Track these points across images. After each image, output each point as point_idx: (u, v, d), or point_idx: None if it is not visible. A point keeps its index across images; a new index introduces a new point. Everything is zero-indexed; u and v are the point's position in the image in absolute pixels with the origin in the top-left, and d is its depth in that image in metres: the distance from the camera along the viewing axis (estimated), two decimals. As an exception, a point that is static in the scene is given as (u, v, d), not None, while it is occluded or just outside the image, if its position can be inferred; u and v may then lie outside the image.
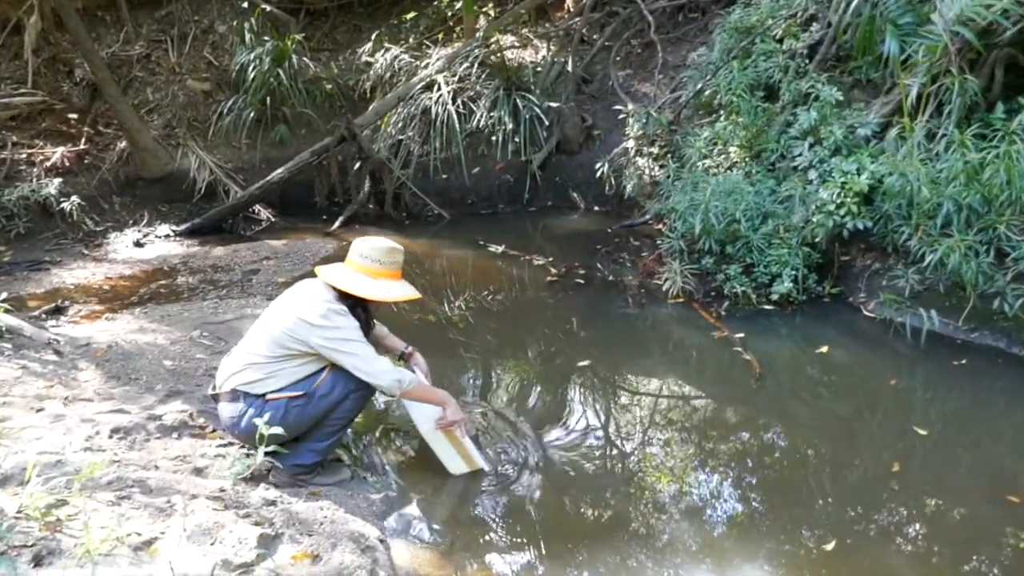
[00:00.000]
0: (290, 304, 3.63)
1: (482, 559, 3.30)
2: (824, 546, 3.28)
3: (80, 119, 8.98)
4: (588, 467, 3.94)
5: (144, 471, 3.54)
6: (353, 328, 3.56)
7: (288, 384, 3.56)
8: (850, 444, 4.09)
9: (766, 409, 4.48)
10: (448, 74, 8.81)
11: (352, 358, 3.52)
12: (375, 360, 3.57)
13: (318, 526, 3.27)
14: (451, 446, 3.85)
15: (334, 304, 3.57)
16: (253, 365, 3.60)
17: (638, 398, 4.69)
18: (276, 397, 3.54)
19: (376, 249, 3.65)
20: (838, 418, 4.37)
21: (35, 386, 4.42)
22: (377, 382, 3.56)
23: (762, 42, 6.96)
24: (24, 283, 6.78)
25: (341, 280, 3.60)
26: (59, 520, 3.03)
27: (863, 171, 5.46)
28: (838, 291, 5.74)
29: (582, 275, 6.58)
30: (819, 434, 4.23)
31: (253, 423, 3.48)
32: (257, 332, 3.69)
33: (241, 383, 3.61)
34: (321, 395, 3.56)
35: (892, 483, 3.69)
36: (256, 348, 3.62)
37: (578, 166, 8.65)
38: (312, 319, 3.50)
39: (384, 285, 3.62)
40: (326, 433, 3.66)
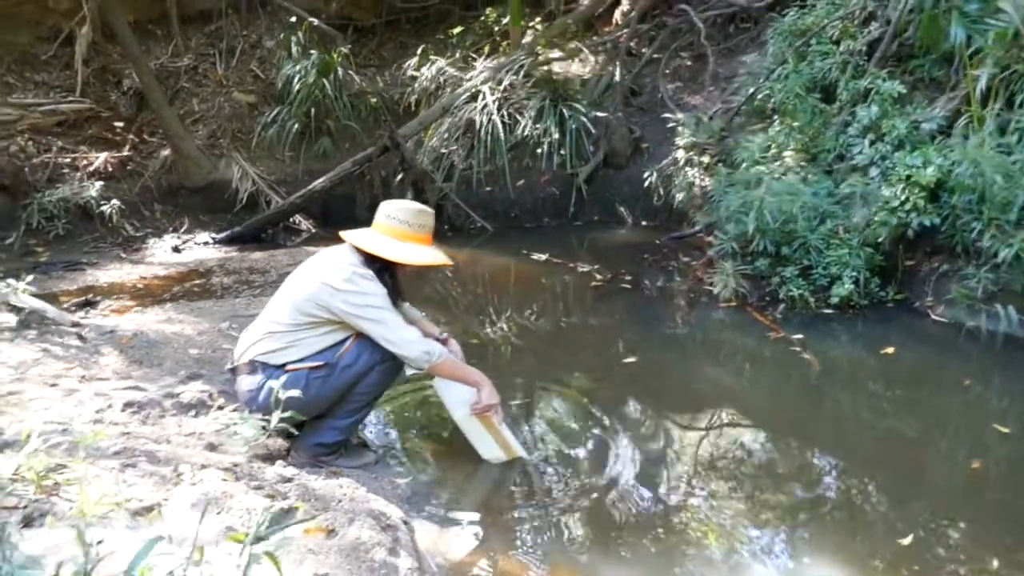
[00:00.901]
0: (313, 269, 3.39)
1: (512, 548, 3.00)
2: (900, 540, 2.92)
3: (126, 127, 8.98)
4: (634, 462, 3.61)
5: (155, 444, 3.31)
6: (380, 295, 3.29)
7: (310, 354, 3.32)
8: (924, 441, 3.73)
9: (829, 405, 4.14)
10: (493, 84, 8.64)
11: (378, 326, 3.26)
12: (402, 329, 3.29)
13: (335, 503, 3.00)
14: (487, 432, 3.55)
15: (360, 268, 3.31)
16: (273, 334, 3.36)
17: (688, 392, 4.36)
18: (296, 368, 3.30)
19: (404, 210, 3.40)
20: (908, 415, 4.01)
21: (54, 367, 4.23)
22: (404, 353, 3.28)
23: (818, 43, 6.69)
24: (59, 281, 6.67)
25: (366, 242, 3.35)
26: (56, 484, 2.81)
27: (929, 164, 5.12)
28: (902, 296, 5.37)
29: (628, 281, 6.29)
30: (888, 430, 3.88)
31: (271, 396, 3.24)
32: (278, 300, 3.45)
33: (259, 353, 3.38)
34: (344, 366, 3.30)
35: (972, 480, 3.34)
36: (277, 316, 3.39)
37: (625, 180, 8.39)
38: (336, 283, 3.25)
39: (412, 248, 3.35)
40: (349, 410, 3.39)
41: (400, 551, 2.77)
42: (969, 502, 3.27)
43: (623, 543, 3.02)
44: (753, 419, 4.08)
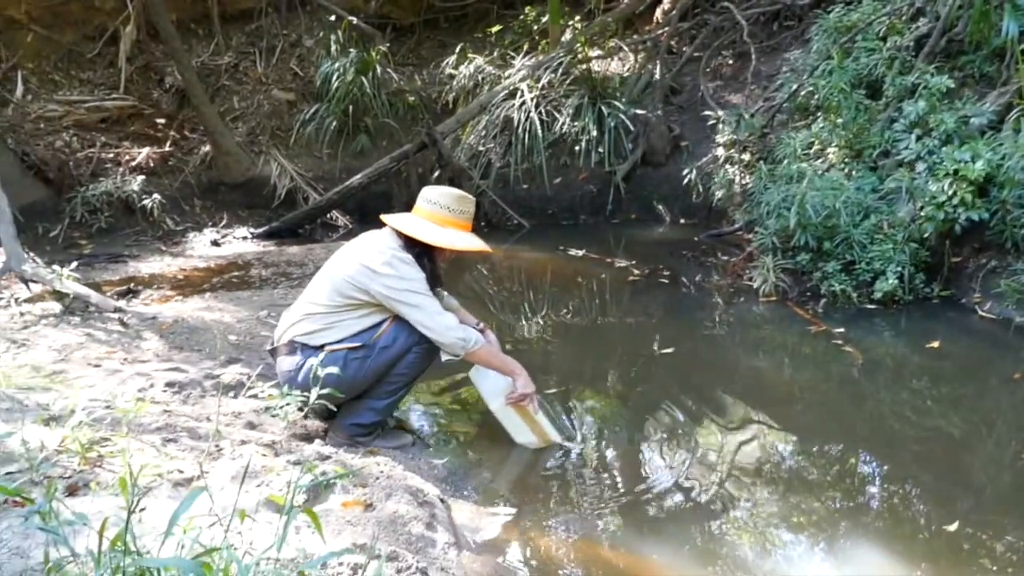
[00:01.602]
0: (354, 252, 3.39)
1: (546, 528, 2.96)
2: (946, 527, 2.85)
3: (167, 124, 9.08)
4: (671, 452, 3.56)
5: (195, 422, 3.33)
6: (419, 279, 3.29)
7: (347, 335, 3.31)
8: (971, 430, 3.65)
9: (873, 395, 4.06)
10: (531, 81, 8.63)
11: (415, 311, 3.25)
12: (440, 315, 3.29)
13: (373, 479, 2.98)
14: (523, 421, 3.52)
15: (400, 252, 3.31)
16: (312, 316, 3.36)
17: (726, 384, 4.29)
18: (335, 348, 3.29)
19: (445, 195, 3.40)
20: (954, 408, 3.91)
21: (97, 351, 4.28)
22: (440, 339, 3.27)
23: (864, 40, 6.59)
24: (101, 272, 6.75)
25: (406, 225, 3.34)
26: (100, 456, 2.83)
27: (978, 159, 5.01)
28: (949, 293, 5.26)
29: (666, 276, 6.24)
30: (934, 423, 3.79)
31: (310, 376, 3.24)
32: (318, 282, 3.45)
33: (299, 334, 3.38)
34: (382, 347, 3.29)
35: (1020, 467, 3.24)
36: (316, 298, 3.39)
37: (664, 178, 8.33)
38: (376, 266, 3.25)
39: (451, 233, 3.34)
40: (387, 391, 3.38)
41: (437, 526, 2.75)
42: (1018, 495, 3.19)
43: (656, 529, 2.98)
44: (793, 410, 4.01)
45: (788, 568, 2.69)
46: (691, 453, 3.51)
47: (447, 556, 2.63)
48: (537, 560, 2.75)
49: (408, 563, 2.42)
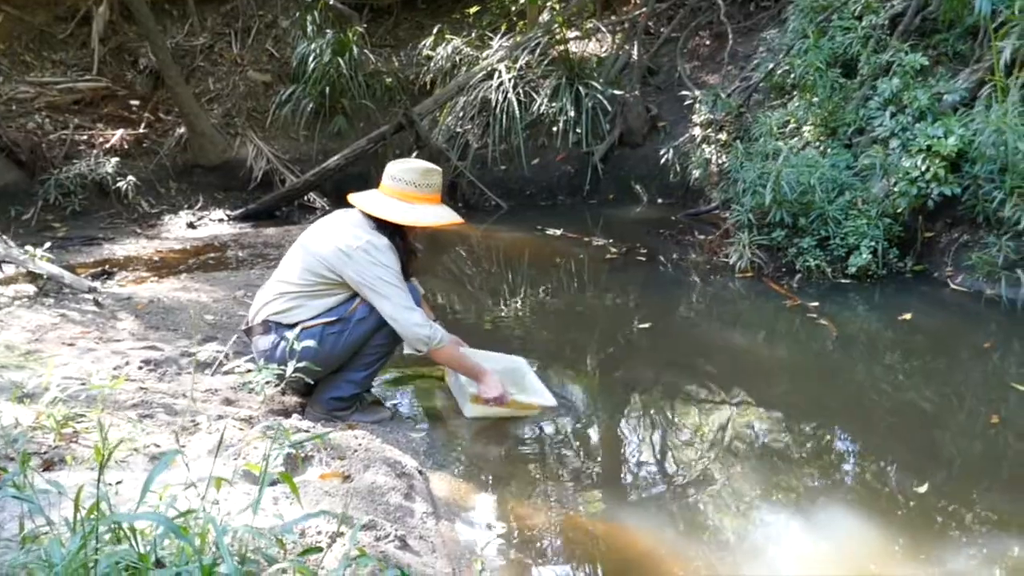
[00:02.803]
0: (327, 233, 3.37)
1: (526, 498, 2.98)
2: (917, 488, 2.90)
3: (141, 106, 8.99)
4: (648, 423, 3.59)
5: (171, 398, 3.32)
6: (392, 270, 3.28)
7: (322, 312, 3.31)
8: (942, 398, 3.71)
9: (848, 365, 4.12)
10: (509, 62, 8.61)
11: (384, 301, 3.25)
12: (407, 310, 3.27)
13: (351, 452, 2.99)
14: (503, 412, 3.53)
15: (375, 237, 3.29)
16: (285, 295, 3.36)
17: (703, 356, 4.32)
18: (310, 325, 3.29)
19: (409, 171, 3.36)
20: (927, 374, 3.99)
21: (71, 331, 4.25)
22: (404, 333, 3.28)
23: (839, 19, 6.62)
24: (75, 255, 6.69)
25: (373, 205, 3.33)
26: (76, 432, 2.82)
27: (950, 135, 5.06)
28: (921, 267, 5.33)
29: (643, 254, 6.27)
30: (906, 386, 3.88)
31: (287, 352, 3.24)
32: (290, 260, 3.45)
33: (272, 313, 3.37)
34: (359, 319, 3.29)
35: (990, 433, 3.32)
36: (289, 277, 3.38)
37: (641, 159, 8.34)
38: (351, 251, 3.24)
39: (419, 209, 3.32)
40: (365, 363, 3.38)
41: (415, 496, 2.77)
42: (988, 452, 3.27)
43: (633, 499, 3.01)
44: (769, 383, 4.04)
45: (766, 535, 2.73)
46: (669, 426, 3.54)
47: (426, 525, 2.65)
48: (516, 530, 2.77)
49: (387, 531, 2.43)
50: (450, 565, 2.49)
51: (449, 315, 5.17)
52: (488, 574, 2.53)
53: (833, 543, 2.67)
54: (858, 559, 2.56)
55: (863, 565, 2.53)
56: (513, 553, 2.63)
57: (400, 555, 2.34)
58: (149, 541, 1.73)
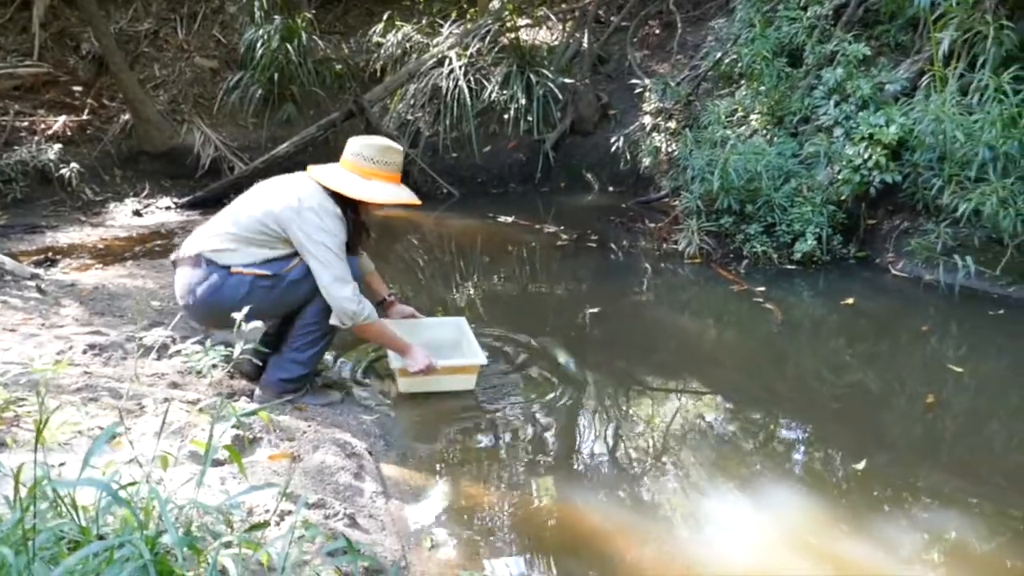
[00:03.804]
0: (281, 188, 3.31)
1: (475, 478, 3.00)
2: (855, 465, 2.98)
3: (84, 92, 8.79)
4: (594, 405, 3.62)
5: (117, 383, 3.27)
6: (338, 240, 3.24)
7: (257, 261, 3.24)
8: (881, 378, 3.81)
9: (791, 348, 4.22)
10: (460, 49, 8.60)
11: (321, 267, 3.20)
12: (341, 282, 3.22)
13: (300, 434, 2.99)
14: (439, 381, 3.56)
15: (329, 204, 3.26)
16: (224, 235, 3.27)
17: (650, 339, 4.38)
18: (242, 271, 3.23)
19: (368, 146, 3.35)
20: (868, 357, 4.08)
21: (12, 318, 4.16)
22: (332, 304, 3.24)
23: (785, 9, 6.72)
24: (17, 243, 6.53)
25: (329, 177, 3.30)
26: (17, 416, 2.77)
27: (892, 123, 5.18)
28: (864, 253, 5.45)
29: (594, 241, 6.31)
30: (848, 368, 3.98)
31: (213, 293, 3.21)
32: (237, 207, 3.36)
33: (208, 249, 3.27)
34: (292, 280, 3.25)
35: (925, 412, 3.42)
36: (231, 220, 3.30)
37: (592, 147, 8.39)
38: (302, 209, 3.20)
39: (374, 186, 3.30)
40: (307, 342, 3.35)
41: (365, 476, 2.77)
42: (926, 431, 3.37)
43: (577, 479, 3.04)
44: (715, 366, 4.10)
45: (711, 513, 2.77)
46: (617, 408, 3.58)
47: (375, 504, 2.65)
48: (465, 509, 2.78)
49: (335, 510, 2.44)
50: (400, 543, 2.50)
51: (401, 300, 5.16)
52: (438, 552, 2.54)
53: (776, 520, 2.72)
54: (801, 535, 2.63)
55: (805, 540, 2.59)
56: (463, 532, 2.65)
57: (349, 532, 2.35)
58: (91, 517, 1.71)
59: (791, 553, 2.54)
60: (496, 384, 3.76)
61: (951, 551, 2.54)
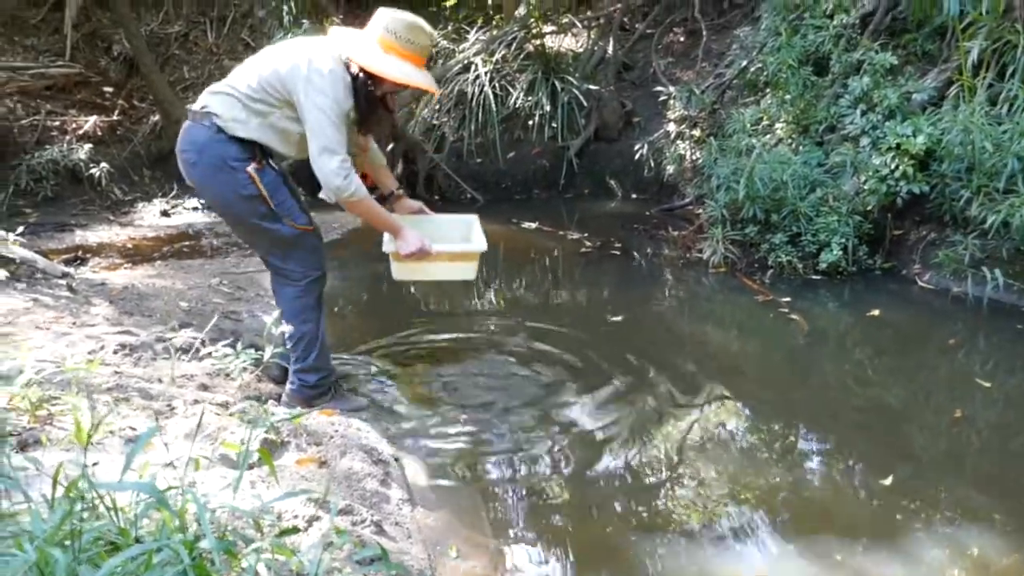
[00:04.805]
0: (294, 48, 3.14)
1: (501, 486, 3.03)
2: (882, 481, 2.97)
3: (115, 93, 8.92)
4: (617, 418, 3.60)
5: (147, 383, 3.32)
6: (340, 108, 3.04)
7: (255, 139, 3.13)
8: (908, 392, 3.78)
9: (817, 360, 4.19)
10: (485, 56, 8.64)
11: (314, 134, 3.03)
12: (330, 154, 3.03)
13: (327, 439, 3.02)
14: (437, 267, 3.43)
15: (340, 70, 3.06)
16: (231, 96, 3.13)
17: (673, 350, 4.37)
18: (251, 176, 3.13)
19: (395, 19, 3.11)
20: (894, 370, 4.05)
21: (44, 315, 4.22)
22: (320, 175, 3.09)
23: (811, 17, 6.70)
24: (48, 241, 6.64)
25: (345, 39, 3.12)
26: (50, 414, 2.82)
27: (919, 133, 5.15)
28: (890, 264, 5.42)
29: (617, 248, 6.32)
30: (874, 383, 3.94)
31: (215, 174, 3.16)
32: (248, 66, 3.19)
33: (216, 110, 3.13)
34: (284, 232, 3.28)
35: (953, 427, 3.40)
36: (240, 79, 3.15)
37: (616, 153, 8.40)
38: (309, 70, 3.02)
39: (391, 61, 3.06)
40: (299, 347, 3.37)
41: (391, 483, 2.80)
42: (952, 446, 3.35)
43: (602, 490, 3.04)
44: (739, 378, 4.08)
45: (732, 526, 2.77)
46: (639, 419, 3.57)
47: (401, 512, 2.68)
48: (491, 517, 2.81)
49: (363, 517, 2.46)
50: (425, 551, 2.52)
51: (423, 307, 5.21)
52: (464, 561, 2.57)
53: (800, 535, 2.72)
54: (826, 549, 2.62)
55: (831, 555, 2.59)
56: (489, 541, 2.67)
57: (376, 540, 2.37)
58: (129, 518, 1.75)
59: (816, 568, 2.54)
60: (519, 391, 3.78)
61: (977, 568, 2.53)
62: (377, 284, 5.52)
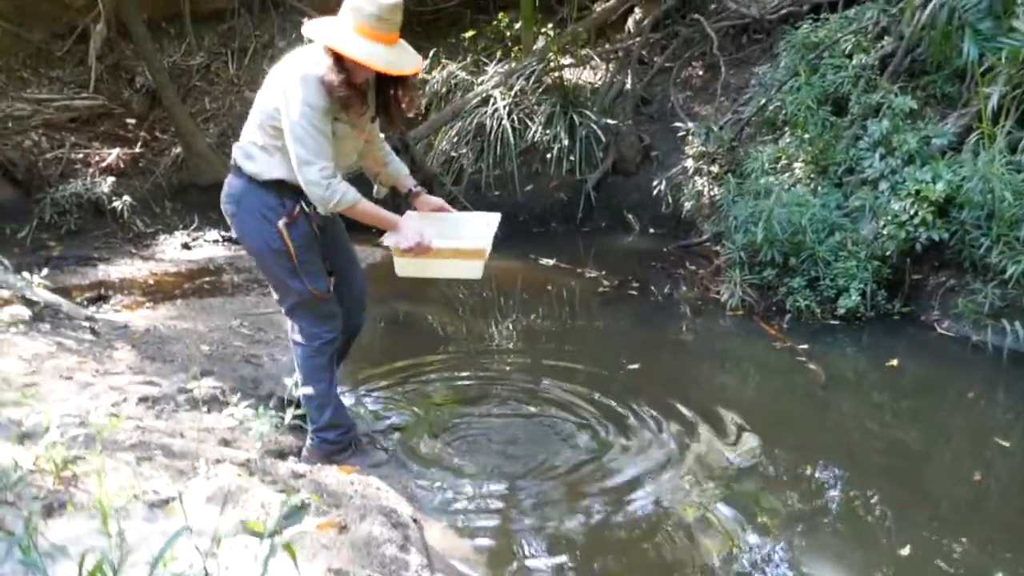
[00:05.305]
0: (278, 69, 3.09)
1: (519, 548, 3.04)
2: (899, 551, 2.96)
3: (138, 124, 9.03)
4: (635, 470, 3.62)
5: (169, 438, 3.36)
6: (314, 110, 2.92)
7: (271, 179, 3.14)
8: (926, 452, 3.78)
9: (834, 414, 4.18)
10: (504, 89, 8.69)
11: (294, 142, 2.93)
12: (306, 166, 2.93)
13: (347, 499, 3.04)
14: (441, 263, 3.31)
15: (314, 69, 2.92)
16: (248, 138, 3.25)
17: (691, 400, 4.34)
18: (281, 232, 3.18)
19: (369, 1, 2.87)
20: (912, 426, 4.05)
21: (68, 361, 4.28)
22: (304, 188, 3.00)
23: (830, 57, 6.73)
24: (71, 276, 6.72)
25: (317, 31, 2.94)
26: (75, 476, 2.86)
27: (939, 180, 5.15)
28: (909, 309, 5.39)
29: (635, 288, 6.33)
30: (891, 441, 3.92)
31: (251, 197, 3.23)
32: (253, 107, 3.22)
33: (239, 156, 3.28)
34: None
35: (973, 492, 3.38)
36: (252, 115, 3.23)
37: (634, 187, 8.41)
38: (286, 82, 2.95)
39: (354, 40, 2.86)
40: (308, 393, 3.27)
41: (410, 548, 2.81)
42: (970, 515, 3.32)
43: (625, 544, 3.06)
44: (755, 427, 4.02)
45: None
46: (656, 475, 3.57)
47: (420, 578, 2.70)
48: (509, 581, 2.82)
49: (382, 586, 2.48)
50: (443, 619, 2.54)
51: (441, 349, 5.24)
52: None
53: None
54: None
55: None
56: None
57: (396, 611, 2.39)
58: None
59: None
60: (539, 444, 3.79)
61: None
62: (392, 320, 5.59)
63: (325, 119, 2.97)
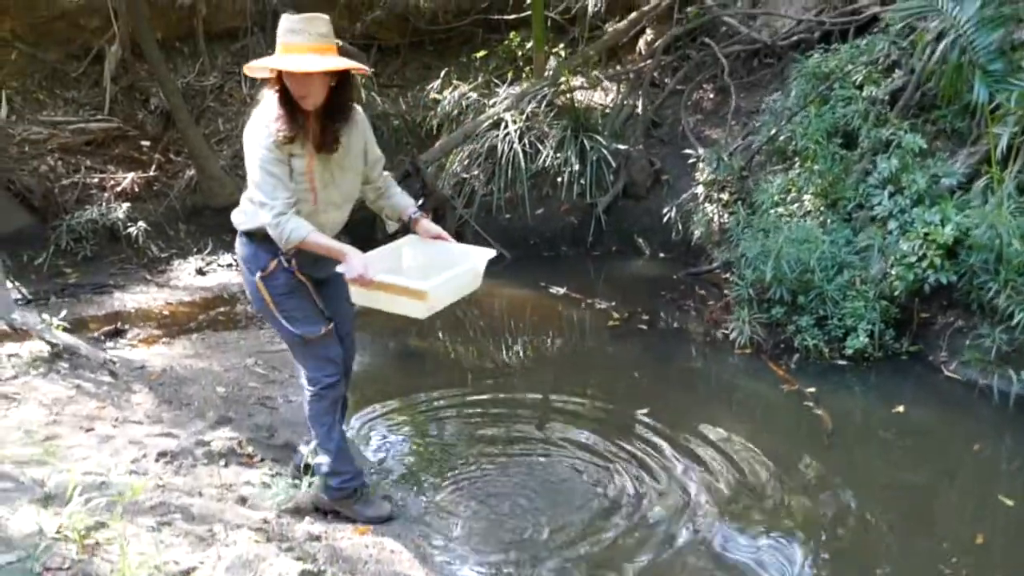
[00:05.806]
0: None
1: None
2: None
3: (152, 146, 9.10)
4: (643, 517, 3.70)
5: (188, 497, 3.44)
6: (262, 151, 3.03)
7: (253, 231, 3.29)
8: (928, 512, 3.82)
9: (837, 469, 4.19)
10: (516, 112, 8.75)
11: (252, 185, 3.10)
12: (262, 209, 3.05)
13: (362, 565, 3.12)
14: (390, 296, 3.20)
15: (262, 112, 3.10)
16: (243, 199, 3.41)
17: (700, 450, 4.39)
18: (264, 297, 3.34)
19: (288, 19, 3.03)
20: (915, 483, 4.08)
21: (88, 406, 4.38)
22: (266, 226, 3.08)
23: (841, 88, 6.75)
24: (87, 305, 6.83)
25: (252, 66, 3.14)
26: (98, 544, 2.94)
27: (947, 222, 5.18)
28: (917, 349, 5.43)
29: (645, 321, 6.38)
30: (894, 499, 3.94)
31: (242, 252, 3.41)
32: None
33: (235, 218, 3.46)
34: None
35: (974, 556, 3.41)
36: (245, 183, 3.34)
37: (644, 211, 8.45)
38: (246, 130, 3.15)
39: (289, 57, 2.97)
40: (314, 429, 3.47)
41: (425, 619, 2.88)
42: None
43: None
44: (761, 474, 4.10)
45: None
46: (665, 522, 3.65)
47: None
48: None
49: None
50: None
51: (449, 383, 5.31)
52: None
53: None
54: None
55: None
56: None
57: None
58: None
59: None
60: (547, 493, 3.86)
61: None
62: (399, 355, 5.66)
63: (274, 159, 3.06)
